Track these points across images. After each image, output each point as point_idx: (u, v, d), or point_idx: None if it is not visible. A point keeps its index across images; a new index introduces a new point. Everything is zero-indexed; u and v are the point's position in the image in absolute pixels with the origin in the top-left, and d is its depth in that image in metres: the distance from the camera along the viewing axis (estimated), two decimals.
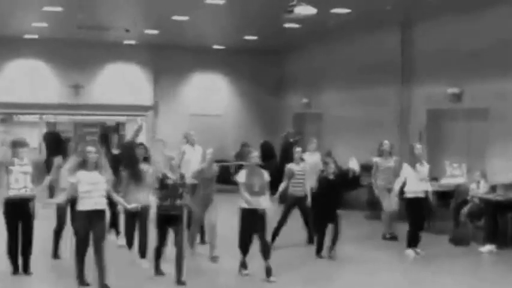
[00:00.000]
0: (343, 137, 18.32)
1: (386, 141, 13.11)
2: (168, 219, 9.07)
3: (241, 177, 9.64)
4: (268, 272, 9.37)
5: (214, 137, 22.33)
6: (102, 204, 8.53)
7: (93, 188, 8.36)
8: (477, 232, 12.28)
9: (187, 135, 13.32)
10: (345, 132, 18.75)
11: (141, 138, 20.67)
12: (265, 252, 9.44)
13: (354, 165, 16.35)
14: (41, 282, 9.37)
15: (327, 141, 18.40)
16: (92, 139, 22.35)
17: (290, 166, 11.78)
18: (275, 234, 11.40)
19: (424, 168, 11.31)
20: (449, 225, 12.75)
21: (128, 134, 22.11)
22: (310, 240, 11.86)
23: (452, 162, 14.17)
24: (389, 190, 12.31)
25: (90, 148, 8.56)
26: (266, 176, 9.74)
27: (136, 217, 9.87)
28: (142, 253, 10.01)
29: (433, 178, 12.71)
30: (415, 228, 11.23)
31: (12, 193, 9.14)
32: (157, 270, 9.44)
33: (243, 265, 9.70)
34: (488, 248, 11.55)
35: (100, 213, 8.48)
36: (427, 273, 10.13)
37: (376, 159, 12.94)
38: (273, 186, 10.95)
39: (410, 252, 11.22)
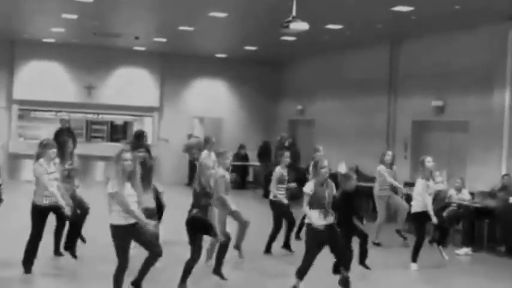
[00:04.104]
0: (333, 142, 18.10)
1: (389, 152, 12.09)
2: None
3: (309, 187, 7.82)
4: (346, 284, 8.01)
5: (215, 138, 22.33)
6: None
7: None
8: (455, 235, 12.08)
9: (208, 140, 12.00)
10: (336, 138, 18.54)
11: (147, 138, 20.64)
12: (347, 263, 8.09)
13: (341, 168, 16.18)
14: None
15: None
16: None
17: (280, 170, 10.24)
18: (270, 242, 10.26)
19: (437, 180, 10.56)
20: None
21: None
22: (285, 245, 10.50)
23: (434, 170, 13.93)
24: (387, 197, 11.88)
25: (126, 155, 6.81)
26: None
27: None
28: None
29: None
30: (421, 242, 9.85)
31: (45, 201, 8.30)
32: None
33: None
34: (464, 250, 11.34)
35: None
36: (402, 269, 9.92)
37: (380, 168, 11.81)
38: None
39: (414, 266, 9.84)
